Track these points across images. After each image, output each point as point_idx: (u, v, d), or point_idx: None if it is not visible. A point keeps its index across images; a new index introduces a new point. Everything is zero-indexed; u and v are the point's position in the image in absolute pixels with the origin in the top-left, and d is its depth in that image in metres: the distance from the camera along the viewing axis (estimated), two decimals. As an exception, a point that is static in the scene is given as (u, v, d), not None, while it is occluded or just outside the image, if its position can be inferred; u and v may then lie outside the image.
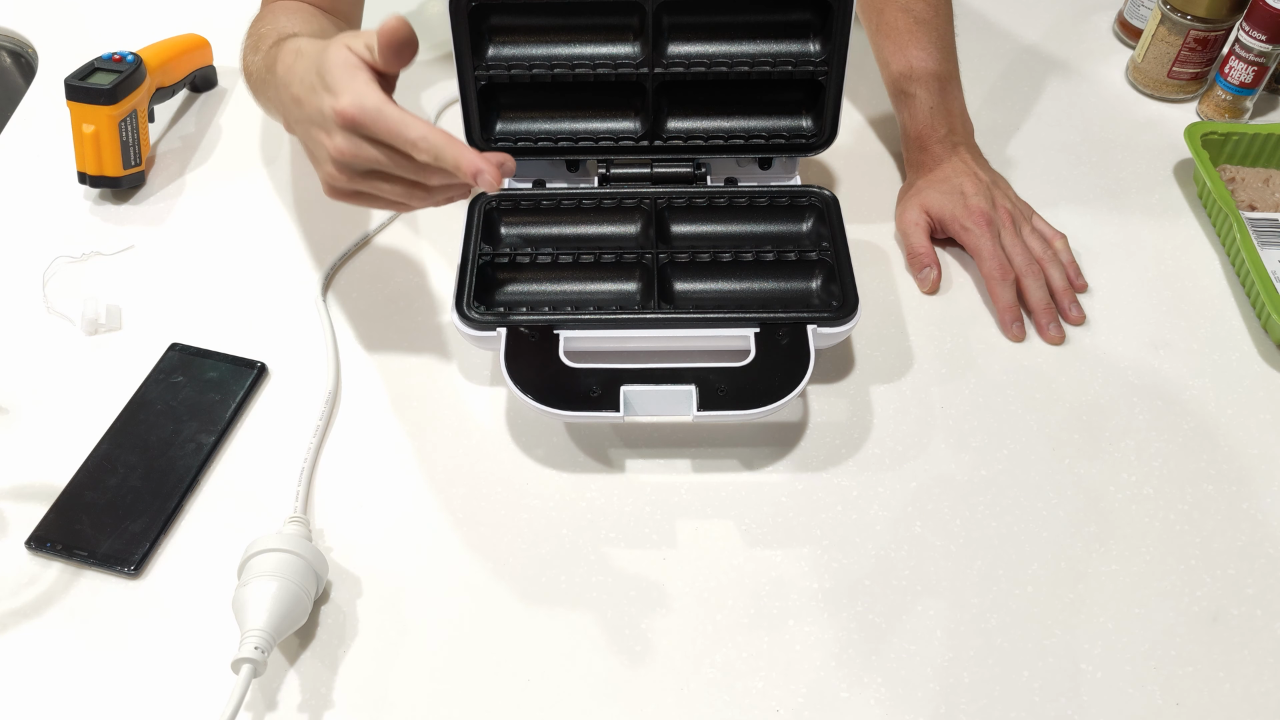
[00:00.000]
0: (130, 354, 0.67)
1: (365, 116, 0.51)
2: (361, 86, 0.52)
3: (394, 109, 0.51)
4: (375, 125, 0.51)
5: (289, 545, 0.53)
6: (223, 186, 0.79)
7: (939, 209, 0.72)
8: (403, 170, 0.53)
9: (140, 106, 0.76)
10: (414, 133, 0.51)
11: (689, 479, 0.61)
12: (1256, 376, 0.66)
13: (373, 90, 0.52)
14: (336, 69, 0.52)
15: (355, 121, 0.51)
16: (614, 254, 0.65)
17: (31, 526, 0.58)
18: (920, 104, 0.76)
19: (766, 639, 0.54)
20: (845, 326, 0.61)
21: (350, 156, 0.53)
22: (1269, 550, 0.58)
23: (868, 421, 0.64)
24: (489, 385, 0.66)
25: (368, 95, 0.51)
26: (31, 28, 0.94)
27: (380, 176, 0.54)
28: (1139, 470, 0.61)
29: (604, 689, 0.52)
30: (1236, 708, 0.52)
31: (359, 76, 0.52)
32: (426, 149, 0.51)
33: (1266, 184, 0.78)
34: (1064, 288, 0.70)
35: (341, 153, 0.53)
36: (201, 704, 0.52)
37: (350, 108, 0.51)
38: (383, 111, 0.51)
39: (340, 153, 0.53)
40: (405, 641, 0.54)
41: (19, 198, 0.78)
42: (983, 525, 0.59)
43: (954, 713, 0.51)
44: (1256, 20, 0.78)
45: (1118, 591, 0.56)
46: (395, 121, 0.51)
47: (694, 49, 0.68)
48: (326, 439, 0.63)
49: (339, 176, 0.55)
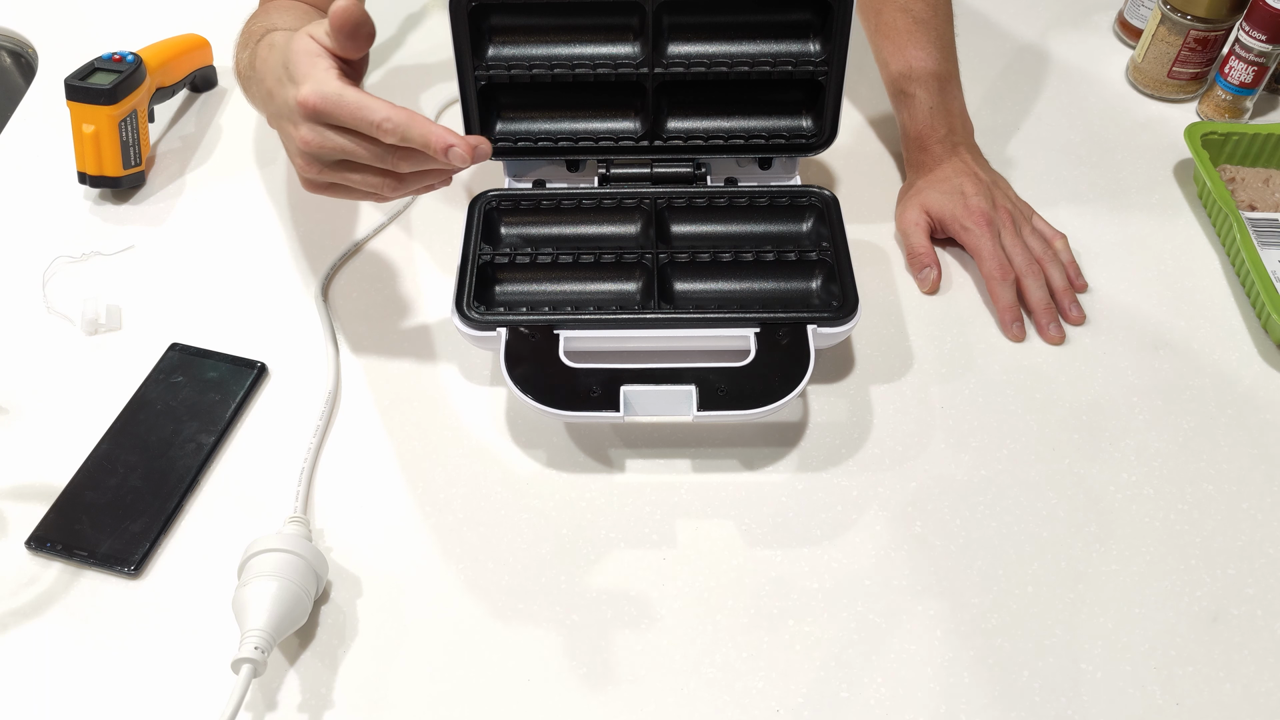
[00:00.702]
0: (130, 354, 0.67)
1: (325, 103, 0.50)
2: (320, 74, 0.50)
3: (354, 93, 0.50)
4: (336, 111, 0.50)
5: (289, 545, 0.53)
6: (223, 186, 0.79)
7: (939, 209, 0.72)
8: (371, 158, 0.52)
9: (140, 106, 0.76)
10: (376, 114, 0.49)
11: (689, 479, 0.61)
12: (1256, 376, 0.66)
13: (331, 77, 0.50)
14: (298, 58, 0.51)
15: (315, 109, 0.50)
16: (614, 254, 0.65)
17: (31, 526, 0.58)
18: (920, 104, 0.76)
19: (766, 639, 0.54)
20: (845, 326, 0.61)
21: (316, 146, 0.52)
22: (1269, 550, 0.58)
23: (868, 421, 0.64)
24: (489, 385, 0.66)
25: (326, 82, 0.50)
26: (31, 28, 0.94)
27: (350, 166, 0.53)
28: (1139, 470, 0.61)
29: (604, 689, 0.52)
30: (1236, 708, 0.52)
31: (319, 64, 0.51)
32: (391, 129, 0.49)
33: (1266, 184, 0.78)
34: (1064, 288, 0.70)
35: (307, 143, 0.52)
36: (201, 704, 0.52)
37: (310, 96, 0.50)
38: (342, 96, 0.50)
39: (306, 143, 0.52)
40: (405, 641, 0.54)
41: (19, 198, 0.78)
42: (983, 525, 0.59)
43: (954, 713, 0.51)
44: (1256, 20, 0.78)
45: (1118, 591, 0.56)
46: (354, 105, 0.50)
47: (694, 49, 0.68)
48: (326, 439, 0.63)
49: (309, 168, 0.54)
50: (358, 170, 0.53)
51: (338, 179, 0.54)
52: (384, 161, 0.52)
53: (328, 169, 0.53)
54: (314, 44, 0.52)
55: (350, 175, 0.54)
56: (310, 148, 0.52)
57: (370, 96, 0.50)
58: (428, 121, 0.50)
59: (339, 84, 0.50)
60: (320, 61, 0.51)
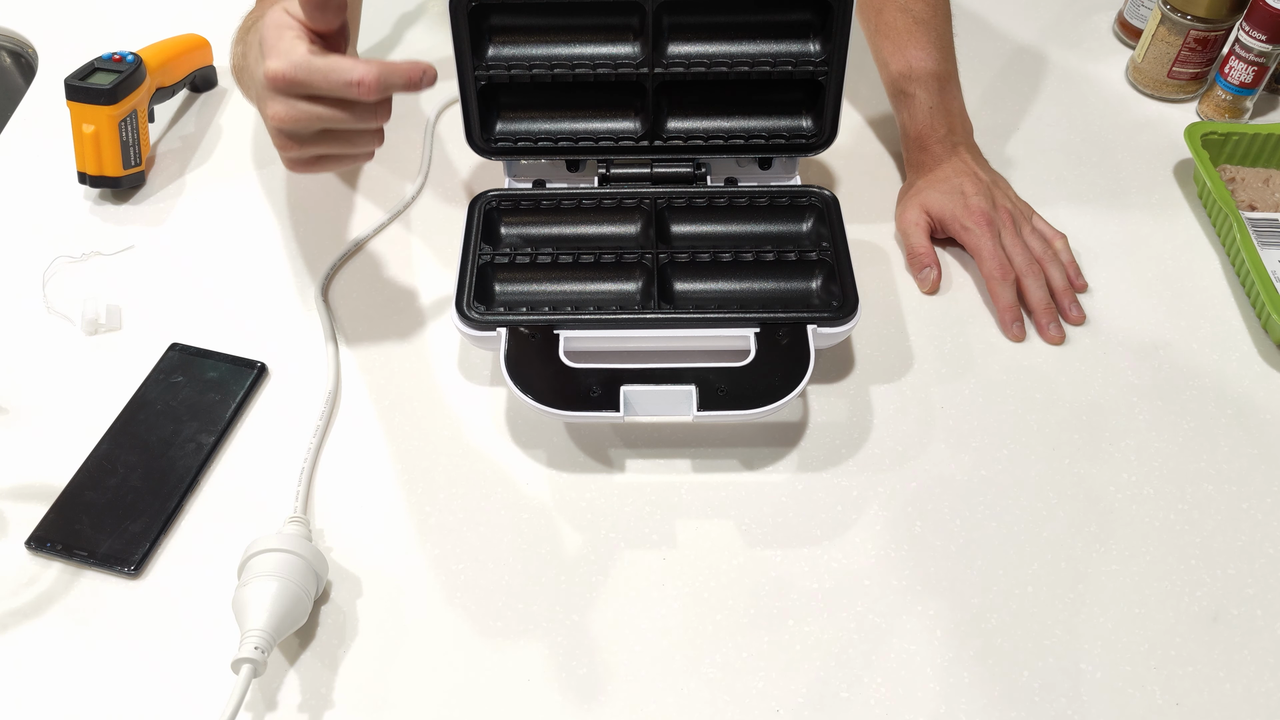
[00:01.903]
0: (130, 354, 0.67)
1: (294, 71, 0.48)
2: (287, 45, 0.49)
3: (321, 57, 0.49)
4: (307, 78, 0.49)
5: (289, 545, 0.53)
6: (223, 186, 0.79)
7: (939, 209, 0.72)
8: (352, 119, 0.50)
9: (140, 106, 0.76)
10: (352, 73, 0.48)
11: (689, 479, 0.61)
12: (1256, 376, 0.66)
13: (300, 46, 0.49)
14: (268, 31, 0.50)
15: (286, 78, 0.49)
16: (614, 254, 0.65)
17: (31, 526, 0.58)
18: (920, 104, 0.76)
19: (766, 639, 0.54)
20: (845, 326, 0.61)
21: (290, 120, 0.50)
22: (1269, 550, 0.58)
23: (868, 421, 0.64)
24: (489, 385, 0.66)
25: (293, 50, 0.49)
26: (31, 28, 0.94)
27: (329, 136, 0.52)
28: (1139, 470, 0.61)
29: (604, 689, 0.52)
30: (1236, 708, 0.52)
31: (286, 35, 0.49)
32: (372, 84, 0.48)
33: (1266, 184, 0.78)
34: (1064, 288, 0.70)
35: (279, 118, 0.50)
36: (201, 704, 0.52)
37: (277, 66, 0.49)
38: (310, 62, 0.48)
39: (278, 118, 0.50)
40: (405, 641, 0.54)
41: (19, 198, 0.78)
42: (983, 525, 0.59)
43: (954, 713, 0.51)
44: (1256, 20, 0.78)
45: (1118, 591, 0.56)
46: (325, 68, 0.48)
47: (694, 49, 0.68)
48: (326, 439, 0.63)
49: (288, 146, 0.52)
50: (338, 138, 0.52)
51: (319, 151, 0.52)
52: (365, 120, 0.51)
53: (307, 142, 0.52)
54: (285, 17, 0.50)
55: (331, 145, 0.52)
56: (283, 123, 0.50)
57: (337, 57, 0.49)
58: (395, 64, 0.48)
59: (305, 51, 0.49)
60: (287, 33, 0.50)
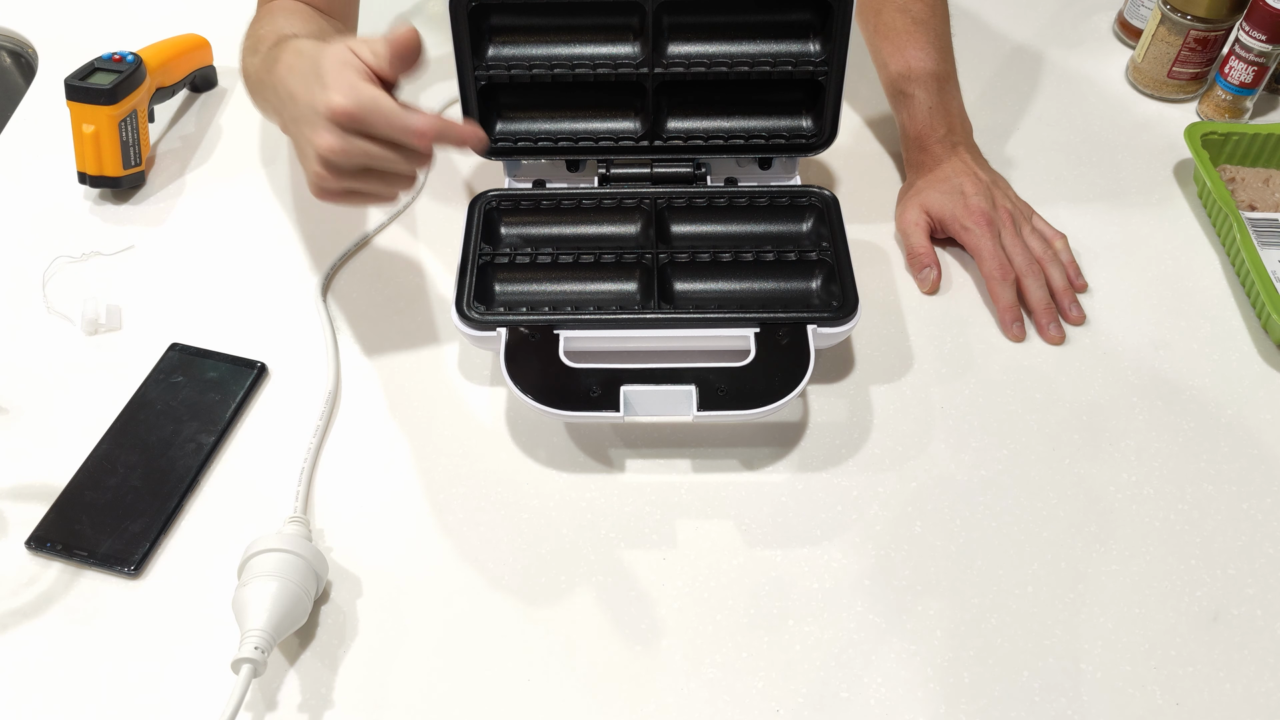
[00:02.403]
0: (130, 354, 0.67)
1: (360, 109, 0.51)
2: (355, 80, 0.51)
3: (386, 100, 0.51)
4: (372, 117, 0.51)
5: (289, 545, 0.53)
6: (223, 186, 0.79)
7: (939, 209, 0.72)
8: (400, 164, 0.53)
9: (140, 106, 0.76)
10: (416, 122, 0.51)
11: (689, 479, 0.61)
12: (1256, 376, 0.66)
13: (367, 85, 0.51)
14: (332, 65, 0.52)
15: (350, 115, 0.51)
16: (614, 254, 0.65)
17: (31, 526, 0.58)
18: (919, 104, 0.76)
19: (766, 639, 0.54)
20: (845, 326, 0.61)
21: (340, 154, 0.52)
22: (1269, 550, 0.58)
23: (868, 421, 0.64)
24: (489, 385, 0.66)
25: (363, 88, 0.51)
26: (31, 28, 0.94)
27: (371, 174, 0.54)
28: (1139, 470, 0.61)
29: (604, 689, 0.52)
30: (1236, 708, 0.52)
31: (347, 72, 0.52)
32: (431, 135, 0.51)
33: (1266, 184, 0.78)
34: (1064, 288, 0.70)
35: (332, 150, 0.52)
36: (201, 704, 0.52)
37: (346, 101, 0.51)
38: (377, 102, 0.51)
39: (331, 150, 0.52)
40: (405, 641, 0.54)
41: (19, 198, 0.78)
42: (983, 525, 0.59)
43: (954, 713, 0.51)
44: (1256, 20, 0.78)
45: (1118, 591, 0.56)
46: (391, 111, 0.51)
47: (694, 49, 0.68)
48: (326, 439, 0.63)
49: (328, 176, 0.54)
50: (380, 177, 0.54)
51: (358, 185, 0.54)
52: (410, 167, 0.53)
53: (348, 176, 0.54)
54: (350, 55, 0.53)
55: (371, 182, 0.54)
56: (334, 155, 0.52)
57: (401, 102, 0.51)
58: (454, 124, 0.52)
59: (375, 90, 0.51)
60: (350, 71, 0.52)
